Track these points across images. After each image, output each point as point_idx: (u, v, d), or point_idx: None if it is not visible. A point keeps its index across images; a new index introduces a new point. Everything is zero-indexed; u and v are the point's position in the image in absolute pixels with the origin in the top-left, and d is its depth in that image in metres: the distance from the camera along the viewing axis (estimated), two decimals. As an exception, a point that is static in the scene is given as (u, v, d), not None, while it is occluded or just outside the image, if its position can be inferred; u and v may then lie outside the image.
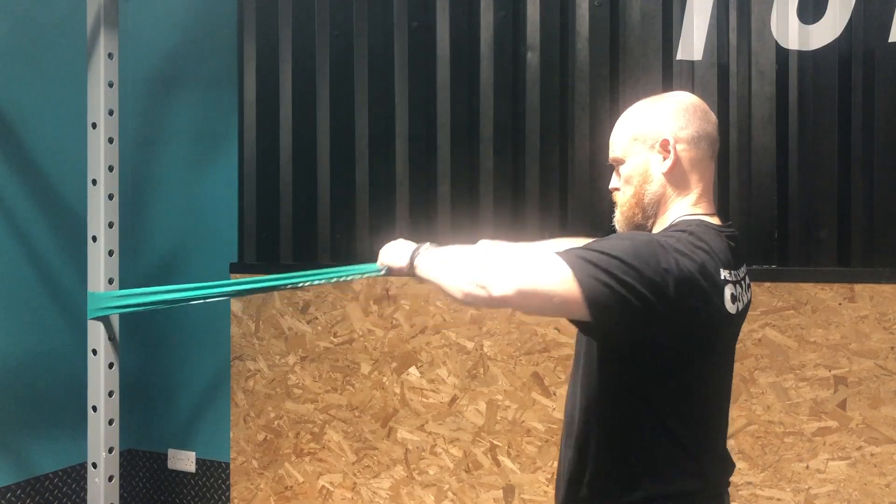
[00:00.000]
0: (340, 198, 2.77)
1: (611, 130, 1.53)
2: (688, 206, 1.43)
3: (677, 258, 1.27)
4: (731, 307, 1.37)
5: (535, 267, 1.23)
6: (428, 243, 1.57)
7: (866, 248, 2.15)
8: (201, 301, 2.11)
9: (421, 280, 1.53)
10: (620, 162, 1.48)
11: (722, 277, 1.34)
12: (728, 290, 1.36)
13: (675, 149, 1.42)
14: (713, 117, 1.47)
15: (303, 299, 2.80)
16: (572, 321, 1.31)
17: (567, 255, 1.24)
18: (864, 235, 2.15)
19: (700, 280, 1.29)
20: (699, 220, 1.40)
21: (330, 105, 2.78)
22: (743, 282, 1.44)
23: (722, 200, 2.23)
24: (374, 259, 2.70)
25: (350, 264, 2.70)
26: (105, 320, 2.35)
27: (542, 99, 2.48)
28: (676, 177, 1.43)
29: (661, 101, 1.48)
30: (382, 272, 1.77)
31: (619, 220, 1.51)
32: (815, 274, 2.17)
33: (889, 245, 2.13)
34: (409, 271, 1.57)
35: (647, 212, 1.46)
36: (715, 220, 1.44)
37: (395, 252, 1.68)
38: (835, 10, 2.16)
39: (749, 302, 1.49)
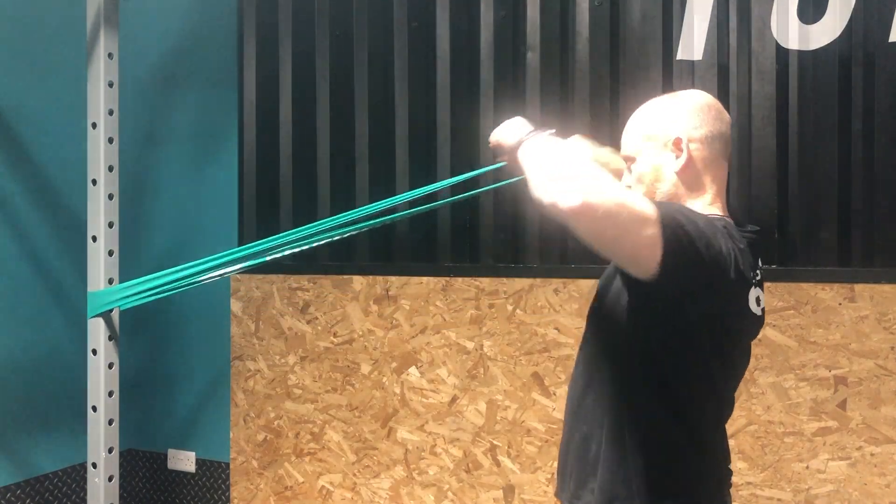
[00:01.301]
0: (340, 198, 2.77)
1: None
2: (704, 207, 1.41)
3: (731, 246, 1.29)
4: (755, 308, 1.39)
5: (627, 195, 1.19)
6: (550, 131, 1.45)
7: (866, 248, 2.15)
8: (203, 281, 2.11)
9: (518, 164, 1.42)
10: (632, 160, 1.47)
11: (750, 277, 1.36)
12: (754, 293, 1.38)
13: (688, 148, 1.41)
14: (727, 117, 1.46)
15: (303, 299, 2.80)
16: (626, 278, 1.29)
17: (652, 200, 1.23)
18: (865, 235, 2.15)
19: (741, 273, 1.31)
20: (723, 219, 1.39)
21: (330, 105, 2.78)
22: (762, 284, 1.46)
23: (722, 200, 2.23)
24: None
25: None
26: (106, 317, 2.34)
27: (542, 99, 2.48)
28: (689, 176, 1.42)
29: (674, 100, 1.47)
30: (498, 160, 1.62)
31: None
32: (815, 274, 2.17)
33: (889, 245, 2.13)
34: (514, 152, 1.45)
35: None
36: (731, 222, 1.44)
37: (509, 129, 1.54)
38: (835, 10, 2.16)
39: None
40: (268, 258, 2.09)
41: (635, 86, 2.35)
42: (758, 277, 1.42)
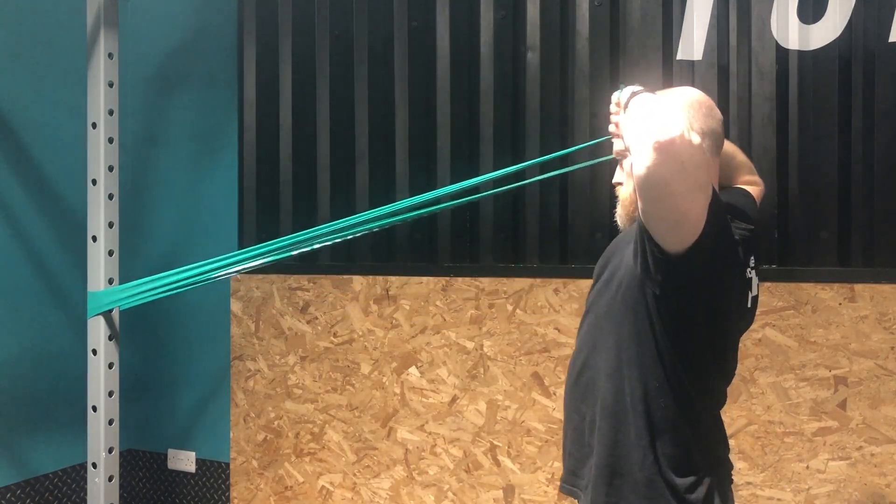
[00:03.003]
0: (340, 198, 2.77)
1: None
2: None
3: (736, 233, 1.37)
4: (751, 292, 1.45)
5: (702, 158, 1.21)
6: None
7: (866, 248, 2.15)
8: (202, 283, 2.12)
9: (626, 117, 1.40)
10: (624, 155, 1.48)
11: (745, 262, 1.39)
12: (754, 281, 1.44)
13: None
14: (718, 114, 1.47)
15: (303, 299, 2.80)
16: (651, 255, 1.28)
17: None
18: (864, 235, 2.15)
19: (744, 258, 1.38)
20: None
21: (330, 105, 2.78)
22: (756, 276, 1.50)
23: (722, 200, 2.23)
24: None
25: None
26: (106, 317, 2.35)
27: (542, 99, 2.48)
28: None
29: (666, 97, 1.47)
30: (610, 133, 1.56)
31: (620, 214, 1.51)
32: (815, 274, 2.17)
33: (889, 245, 2.13)
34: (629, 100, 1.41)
35: None
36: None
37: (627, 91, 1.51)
38: (835, 10, 2.16)
39: (757, 297, 1.52)
40: (266, 261, 2.09)
41: (635, 86, 2.35)
42: (750, 266, 1.44)
